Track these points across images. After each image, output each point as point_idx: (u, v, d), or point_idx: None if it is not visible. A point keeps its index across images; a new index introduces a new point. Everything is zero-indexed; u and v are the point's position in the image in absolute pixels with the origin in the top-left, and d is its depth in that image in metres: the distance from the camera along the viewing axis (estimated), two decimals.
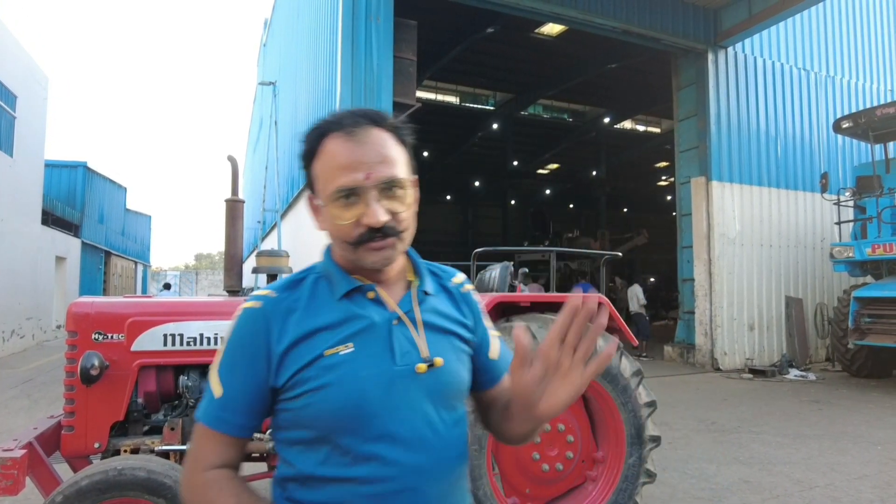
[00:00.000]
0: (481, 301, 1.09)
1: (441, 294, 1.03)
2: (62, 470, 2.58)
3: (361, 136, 0.90)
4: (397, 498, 0.87)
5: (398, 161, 0.91)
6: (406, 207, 0.92)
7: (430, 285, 1.01)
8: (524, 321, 2.86)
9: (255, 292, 0.97)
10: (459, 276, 1.08)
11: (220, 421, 0.90)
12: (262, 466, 3.05)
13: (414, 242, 1.01)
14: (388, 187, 0.89)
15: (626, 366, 2.98)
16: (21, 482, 2.27)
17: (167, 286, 19.85)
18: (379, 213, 0.88)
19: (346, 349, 0.89)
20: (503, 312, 3.01)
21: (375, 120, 0.92)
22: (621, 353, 2.98)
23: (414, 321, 0.95)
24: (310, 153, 0.94)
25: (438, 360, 0.93)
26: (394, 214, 0.90)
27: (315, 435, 0.88)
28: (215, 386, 0.91)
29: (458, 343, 0.99)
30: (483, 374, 1.05)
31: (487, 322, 1.09)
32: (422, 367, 0.92)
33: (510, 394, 0.93)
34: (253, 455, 2.90)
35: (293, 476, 0.91)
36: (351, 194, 0.88)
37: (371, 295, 0.95)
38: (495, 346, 1.07)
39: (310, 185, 0.96)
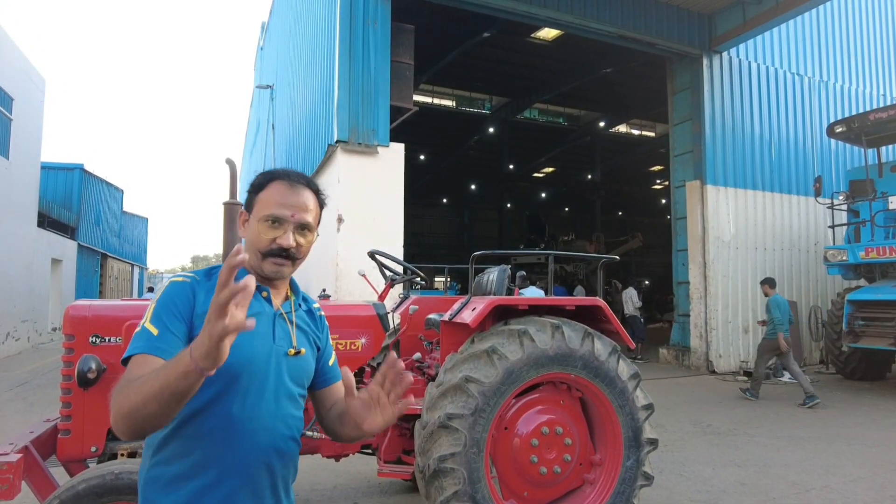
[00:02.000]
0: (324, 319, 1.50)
1: (306, 311, 1.43)
2: (58, 474, 2.57)
3: (298, 189, 1.33)
4: (252, 434, 1.21)
5: (313, 214, 1.35)
6: (307, 244, 1.33)
7: (301, 302, 1.42)
8: (521, 324, 2.87)
9: (181, 273, 1.33)
10: (317, 304, 1.50)
11: (159, 350, 1.15)
12: None
13: (412, 244, 1.16)
14: (302, 227, 1.31)
15: (624, 369, 2.99)
16: (17, 486, 2.26)
17: (150, 290, 20.60)
18: (290, 240, 1.29)
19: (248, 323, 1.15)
20: (501, 315, 3.02)
21: (308, 184, 1.36)
22: (618, 356, 2.99)
23: (291, 320, 1.35)
24: (259, 187, 1.34)
25: (303, 350, 1.34)
26: (298, 246, 1.30)
27: (207, 381, 1.07)
28: (152, 329, 1.17)
29: (313, 344, 1.40)
30: (320, 375, 1.43)
31: (330, 339, 1.50)
32: (292, 351, 1.31)
33: (344, 407, 1.28)
34: None
35: (182, 415, 1.15)
36: (276, 221, 1.29)
37: (265, 294, 1.32)
38: (333, 357, 1.47)
39: (248, 206, 1.34)
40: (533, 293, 13.05)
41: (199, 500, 1.17)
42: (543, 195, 32.19)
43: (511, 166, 26.91)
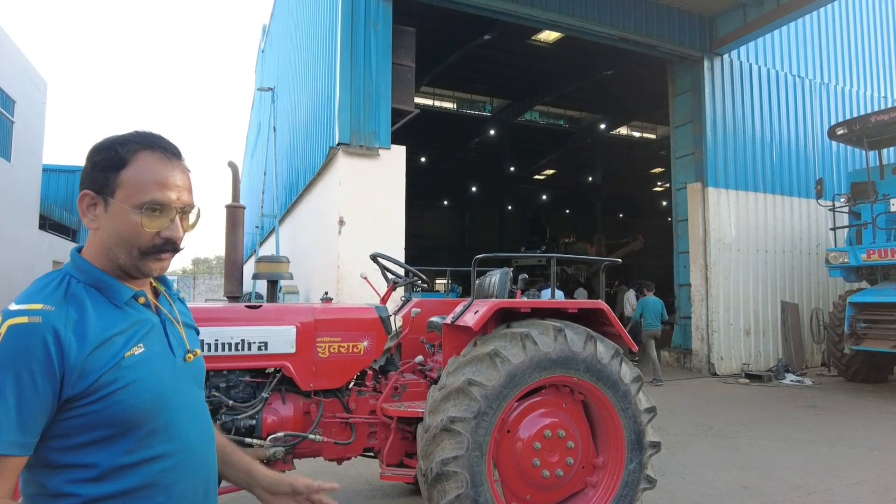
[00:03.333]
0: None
1: (176, 297, 1.24)
2: None
3: (178, 164, 1.07)
4: (189, 464, 1.07)
5: (192, 191, 1.09)
6: (190, 230, 1.11)
7: (171, 290, 1.21)
8: (524, 327, 2.87)
9: (21, 307, 0.94)
10: (176, 285, 1.28)
11: (10, 444, 0.88)
12: None
13: (412, 246, 1.13)
14: (186, 213, 1.08)
15: (626, 372, 2.98)
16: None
17: None
18: (180, 231, 1.06)
19: (140, 349, 1.02)
20: (503, 318, 3.01)
21: (180, 152, 1.09)
22: (621, 359, 2.99)
23: (177, 320, 1.16)
24: (119, 161, 1.01)
25: (198, 351, 1.17)
26: (184, 234, 1.08)
27: (115, 431, 0.96)
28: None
29: (197, 336, 1.24)
30: None
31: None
32: (190, 356, 1.14)
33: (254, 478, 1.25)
34: None
35: (91, 478, 0.95)
36: (159, 209, 1.02)
37: (142, 300, 1.09)
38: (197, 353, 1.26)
39: (103, 187, 1.01)
40: (548, 296, 13.06)
41: None
42: (544, 197, 32.21)
43: (512, 168, 26.93)
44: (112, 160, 1.02)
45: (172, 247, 1.06)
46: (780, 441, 5.70)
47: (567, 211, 33.90)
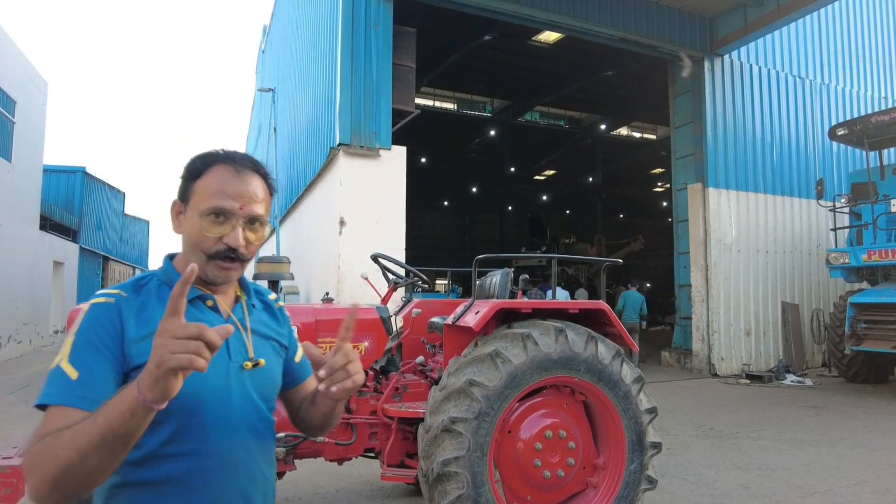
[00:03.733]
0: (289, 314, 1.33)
1: (262, 308, 1.26)
2: None
3: (246, 176, 1.11)
4: (227, 469, 1.07)
5: (264, 205, 1.14)
6: (258, 241, 1.13)
7: (255, 300, 1.24)
8: (525, 328, 2.87)
9: (104, 291, 1.08)
10: (273, 295, 1.31)
11: (81, 399, 0.95)
12: None
13: (412, 247, 1.16)
14: (252, 222, 1.11)
15: (627, 372, 2.98)
16: (21, 490, 2.26)
17: None
18: (240, 238, 1.09)
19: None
20: (504, 319, 3.01)
21: (256, 167, 1.15)
22: (622, 359, 2.99)
23: (245, 328, 1.17)
24: (196, 172, 1.12)
25: (262, 361, 1.15)
26: (248, 244, 1.11)
27: (157, 418, 0.94)
28: (70, 371, 0.97)
29: (276, 347, 1.22)
30: (290, 374, 1.27)
31: (295, 332, 1.33)
32: (248, 364, 1.13)
33: (315, 385, 1.22)
34: None
35: (135, 460, 1.00)
36: (222, 215, 1.08)
37: (210, 304, 1.14)
38: (300, 352, 1.31)
39: (184, 196, 1.13)
40: (560, 295, 13.08)
41: None
42: (544, 197, 32.21)
43: (512, 169, 26.93)
44: (192, 171, 1.12)
45: (235, 254, 1.09)
46: (780, 441, 5.70)
47: (567, 211, 33.90)
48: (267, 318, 1.24)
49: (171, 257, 1.18)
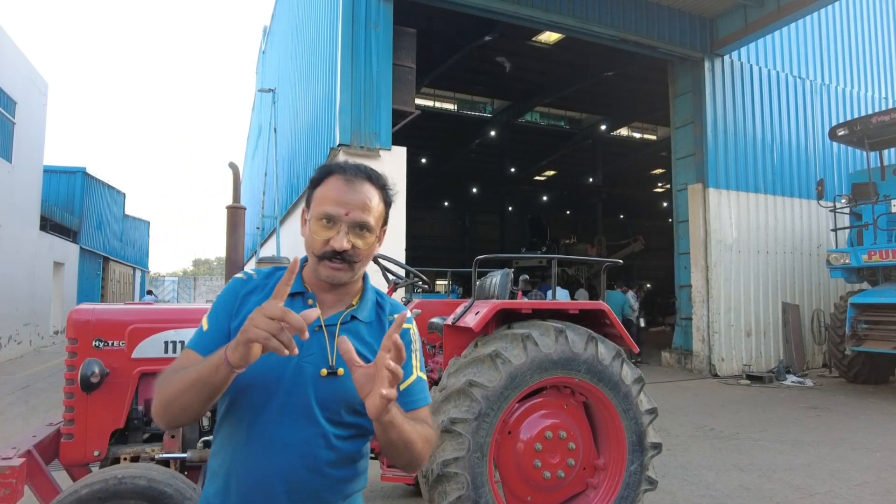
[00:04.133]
0: (417, 340, 1.27)
1: (374, 323, 1.25)
2: (61, 478, 2.56)
3: (356, 184, 1.19)
4: (267, 466, 1.12)
5: (374, 212, 1.20)
6: (365, 246, 1.19)
7: (365, 313, 1.24)
8: (525, 328, 2.87)
9: (247, 269, 1.29)
10: (406, 314, 1.20)
11: (201, 347, 1.16)
12: None
13: (412, 247, 1.17)
14: (358, 227, 1.17)
15: (628, 373, 2.98)
16: (20, 491, 2.26)
17: (150, 293, 22.50)
18: (343, 242, 1.15)
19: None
20: (504, 319, 3.01)
21: (371, 177, 1.22)
22: (622, 360, 2.98)
23: (332, 334, 1.18)
24: (317, 181, 1.23)
25: (341, 371, 1.15)
26: (354, 248, 1.17)
27: (228, 393, 1.10)
28: (204, 324, 1.20)
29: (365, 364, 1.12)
30: None
31: (415, 360, 1.24)
32: (324, 371, 1.15)
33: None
34: None
35: (220, 418, 1.21)
36: (330, 220, 1.16)
37: (311, 302, 1.20)
38: (411, 379, 1.21)
39: (308, 203, 1.24)
40: (560, 295, 13.08)
41: (213, 501, 1.17)
42: (545, 198, 32.19)
43: (512, 169, 26.93)
44: (313, 181, 1.24)
45: (340, 257, 1.16)
46: (781, 442, 5.69)
47: (567, 212, 33.88)
48: (368, 335, 1.22)
49: (305, 259, 1.27)
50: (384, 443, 1.08)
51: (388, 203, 1.25)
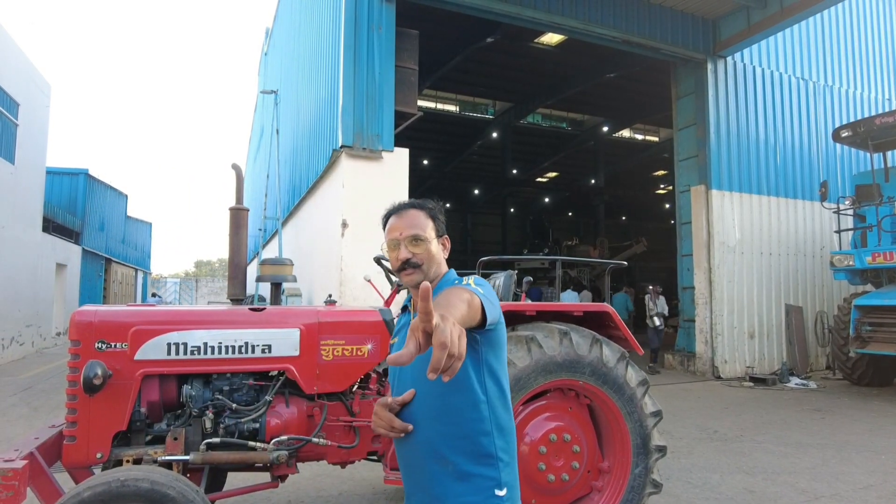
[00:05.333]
0: (468, 280, 1.47)
1: None
2: (63, 480, 2.55)
3: (402, 214, 1.60)
4: (408, 443, 1.46)
5: (421, 226, 1.57)
6: (422, 251, 1.54)
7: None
8: (529, 331, 2.85)
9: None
10: (423, 287, 1.44)
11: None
12: (265, 476, 3.02)
13: None
14: (412, 239, 1.54)
15: (632, 375, 2.96)
16: (22, 493, 2.25)
17: (154, 295, 22.53)
18: (403, 254, 1.54)
19: (395, 340, 1.63)
20: (508, 321, 2.99)
21: (414, 205, 1.62)
22: (627, 362, 2.97)
23: None
24: (384, 225, 1.63)
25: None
26: (415, 255, 1.54)
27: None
28: None
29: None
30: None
31: (465, 280, 1.49)
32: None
33: None
34: (256, 465, 2.88)
35: None
36: (394, 244, 1.56)
37: (411, 309, 1.63)
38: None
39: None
40: (570, 297, 13.02)
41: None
42: (547, 200, 32.16)
43: (514, 171, 26.90)
44: (383, 225, 1.63)
45: (409, 264, 1.53)
46: (785, 445, 5.66)
47: (570, 214, 33.84)
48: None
49: None
50: None
51: (433, 217, 1.61)
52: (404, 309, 1.66)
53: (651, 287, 11.91)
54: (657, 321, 11.46)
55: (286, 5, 17.73)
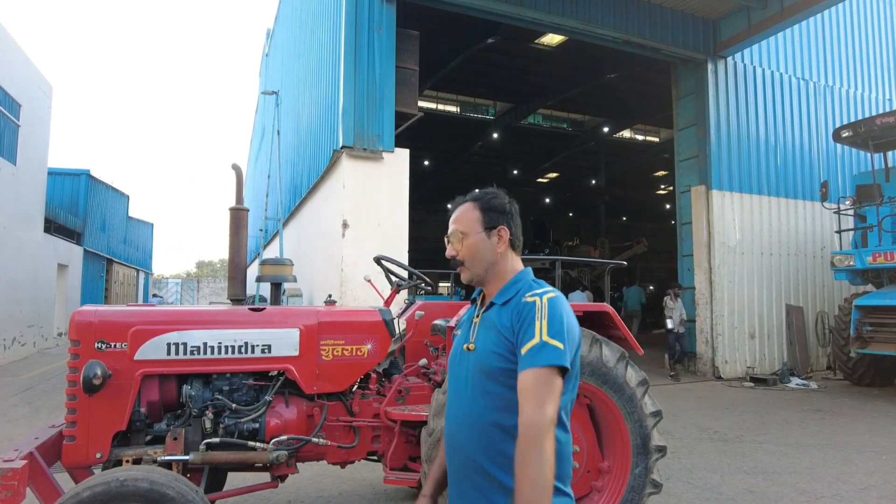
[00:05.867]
0: (542, 309, 1.39)
1: (507, 306, 1.47)
2: (63, 480, 2.56)
3: (456, 207, 1.59)
4: (453, 432, 1.48)
5: (466, 221, 1.54)
6: (463, 248, 1.52)
7: (501, 299, 1.49)
8: None
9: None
10: (530, 293, 1.44)
11: None
12: (264, 476, 3.03)
13: (415, 249, 1.43)
14: (458, 234, 1.53)
15: (632, 375, 2.96)
16: (21, 493, 2.25)
17: (156, 296, 22.91)
18: (449, 251, 1.56)
19: (459, 332, 1.62)
20: None
21: (469, 198, 1.57)
22: (626, 362, 2.97)
23: (479, 321, 1.52)
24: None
25: (472, 346, 1.47)
26: (456, 251, 1.54)
27: None
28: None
29: (500, 338, 1.42)
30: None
31: (538, 325, 1.36)
32: (466, 347, 1.49)
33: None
34: (256, 465, 2.88)
35: None
36: (449, 240, 1.57)
37: (478, 301, 1.60)
38: (527, 346, 1.34)
39: None
40: (578, 298, 13.00)
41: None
42: (547, 200, 32.16)
43: (515, 171, 26.88)
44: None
45: (455, 262, 1.55)
46: (786, 445, 5.66)
47: (570, 214, 33.84)
48: (499, 313, 1.46)
49: None
50: None
51: (484, 209, 1.53)
52: (472, 301, 1.62)
53: (671, 288, 10.83)
54: (669, 324, 10.57)
55: (287, 6, 17.75)
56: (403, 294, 4.64)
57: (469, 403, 1.43)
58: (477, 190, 1.59)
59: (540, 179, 30.26)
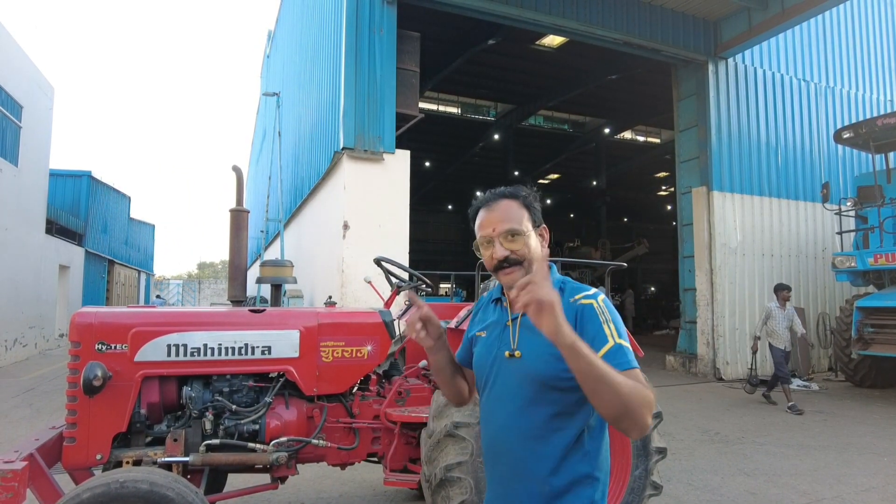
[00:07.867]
0: (605, 312, 1.32)
1: None
2: (63, 482, 2.56)
3: (493, 206, 1.43)
4: (499, 442, 1.39)
5: (517, 219, 1.41)
6: (520, 246, 1.38)
7: None
8: None
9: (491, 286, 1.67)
10: (580, 294, 1.38)
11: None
12: (265, 478, 3.03)
13: (416, 251, 1.30)
14: (509, 235, 1.38)
15: None
16: (22, 494, 2.26)
17: (158, 297, 23.09)
18: (500, 252, 1.38)
19: (483, 334, 1.50)
20: None
21: (506, 194, 1.46)
22: None
23: (516, 325, 1.41)
24: (472, 218, 1.48)
25: (518, 353, 1.38)
26: (513, 251, 1.37)
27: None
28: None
29: (547, 342, 1.24)
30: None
31: (607, 329, 1.29)
32: (507, 354, 1.40)
33: None
34: (256, 467, 2.88)
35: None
36: (486, 242, 1.41)
37: (505, 304, 1.48)
38: (604, 349, 1.27)
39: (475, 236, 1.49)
40: None
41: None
42: (548, 201, 32.15)
43: (516, 173, 26.85)
44: (472, 219, 1.49)
45: (507, 262, 1.38)
46: (787, 447, 5.65)
47: (571, 215, 33.83)
48: None
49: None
50: (580, 381, 1.14)
51: (528, 205, 1.45)
52: (496, 301, 1.52)
53: (780, 290, 8.08)
54: (777, 342, 7.95)
55: (288, 8, 17.78)
56: (403, 295, 4.64)
57: (519, 413, 1.34)
58: (504, 187, 1.48)
59: (541, 180, 30.23)
